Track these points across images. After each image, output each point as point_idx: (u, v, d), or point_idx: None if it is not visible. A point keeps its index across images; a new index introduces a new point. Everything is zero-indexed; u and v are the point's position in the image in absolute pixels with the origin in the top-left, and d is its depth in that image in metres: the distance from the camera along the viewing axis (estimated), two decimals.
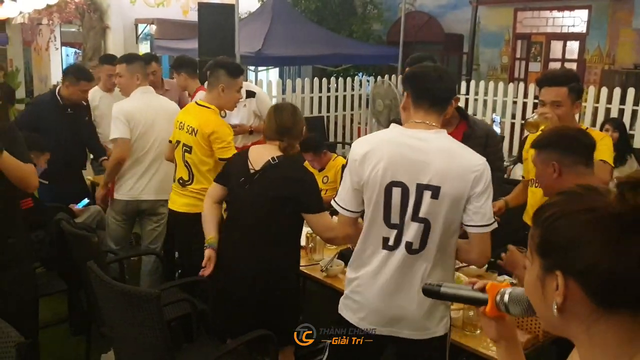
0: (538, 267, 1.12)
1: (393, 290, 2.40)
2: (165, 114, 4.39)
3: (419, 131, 2.36)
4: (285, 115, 3.16)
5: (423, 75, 2.44)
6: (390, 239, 2.38)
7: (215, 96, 3.86)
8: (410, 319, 2.41)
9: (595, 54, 10.35)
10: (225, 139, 3.78)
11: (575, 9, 10.51)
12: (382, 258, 2.40)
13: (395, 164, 2.32)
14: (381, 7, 12.96)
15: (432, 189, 2.29)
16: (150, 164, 4.40)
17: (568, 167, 2.61)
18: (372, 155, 2.35)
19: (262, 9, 11.35)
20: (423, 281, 2.35)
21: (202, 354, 3.16)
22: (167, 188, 4.33)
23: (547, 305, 1.10)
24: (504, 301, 1.33)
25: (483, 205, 2.32)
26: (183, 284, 3.87)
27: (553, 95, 3.25)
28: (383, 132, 2.52)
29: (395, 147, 2.35)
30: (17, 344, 2.11)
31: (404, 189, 2.32)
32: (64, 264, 3.93)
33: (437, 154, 2.31)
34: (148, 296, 2.60)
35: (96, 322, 3.61)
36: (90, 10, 12.27)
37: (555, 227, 1.08)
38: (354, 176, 2.41)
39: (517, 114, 9.45)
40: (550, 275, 1.08)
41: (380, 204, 2.36)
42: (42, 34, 13.74)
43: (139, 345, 2.82)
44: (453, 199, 2.30)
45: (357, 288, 2.48)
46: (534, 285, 1.14)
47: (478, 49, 11.79)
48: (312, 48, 10.15)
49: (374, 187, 2.35)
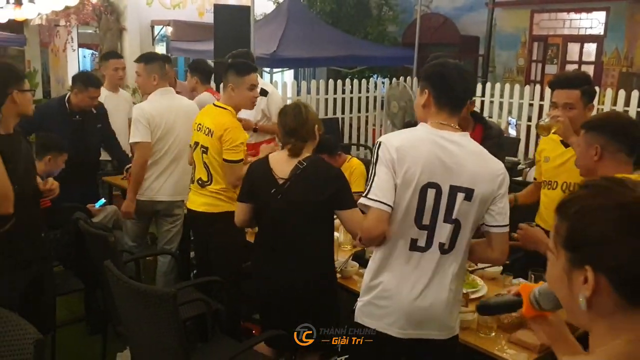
0: (564, 260, 1.12)
1: (426, 292, 2.39)
2: (185, 115, 4.40)
3: (449, 133, 2.37)
4: (289, 117, 3.15)
5: (446, 74, 2.40)
6: (420, 240, 2.37)
7: (229, 96, 3.88)
8: (439, 319, 2.42)
9: (612, 57, 10.27)
10: (235, 141, 3.75)
11: (592, 10, 10.43)
12: (413, 260, 2.39)
13: (432, 165, 2.32)
14: (396, 9, 12.94)
15: (465, 191, 2.33)
16: (167, 166, 4.42)
17: (610, 154, 2.67)
18: (407, 154, 2.32)
19: (278, 10, 11.37)
20: (452, 280, 2.41)
21: (217, 354, 3.17)
22: (182, 189, 4.35)
23: (573, 298, 1.10)
24: (535, 298, 1.37)
25: (505, 206, 2.41)
26: (198, 283, 3.88)
27: (565, 97, 3.23)
28: (414, 130, 2.46)
29: (431, 147, 2.34)
30: (35, 341, 2.12)
31: (437, 191, 2.33)
32: (81, 263, 3.96)
33: (470, 157, 2.35)
34: (165, 296, 2.61)
35: (112, 321, 3.64)
36: (107, 11, 12.34)
37: (586, 222, 1.07)
38: (390, 171, 2.32)
39: (533, 116, 9.39)
40: (578, 269, 1.08)
41: (413, 205, 2.34)
42: (60, 36, 13.82)
43: (154, 345, 2.83)
44: (483, 201, 2.36)
45: (383, 293, 2.43)
46: (559, 278, 1.14)
47: (494, 51, 11.73)
48: (327, 50, 10.15)
49: (409, 188, 2.32)
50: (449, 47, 12.11)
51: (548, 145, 3.46)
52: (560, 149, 3.36)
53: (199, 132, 3.88)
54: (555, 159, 3.38)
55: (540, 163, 3.54)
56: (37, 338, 2.13)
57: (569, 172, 3.26)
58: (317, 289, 3.06)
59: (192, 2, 13.10)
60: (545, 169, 3.46)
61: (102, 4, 12.26)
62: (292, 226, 3.07)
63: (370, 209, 2.35)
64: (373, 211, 2.33)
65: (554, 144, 3.39)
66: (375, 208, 2.32)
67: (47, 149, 4.53)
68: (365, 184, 2.42)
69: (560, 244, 1.13)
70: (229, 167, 3.75)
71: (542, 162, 3.45)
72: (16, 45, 15.36)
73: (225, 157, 3.75)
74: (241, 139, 3.80)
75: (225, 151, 3.75)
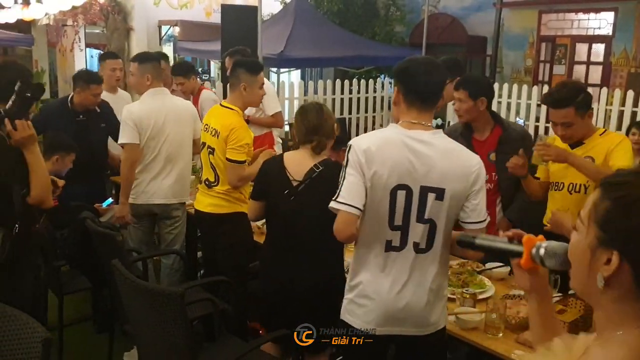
0: (593, 236, 1.13)
1: (404, 291, 2.40)
2: (176, 116, 4.31)
3: (419, 132, 2.34)
4: (311, 115, 3.15)
5: (412, 69, 2.39)
6: (394, 240, 2.38)
7: (238, 96, 3.85)
8: (416, 316, 2.44)
9: (621, 57, 10.22)
10: (240, 141, 3.72)
11: (601, 11, 10.39)
12: (389, 260, 2.40)
13: (401, 166, 2.30)
14: (404, 9, 12.91)
15: (436, 191, 2.32)
16: (161, 168, 4.33)
17: None
18: (375, 157, 2.30)
19: (285, 11, 11.38)
20: (434, 280, 2.42)
21: (224, 354, 3.17)
22: (180, 191, 4.32)
23: (591, 274, 1.13)
24: (539, 254, 1.38)
25: (480, 202, 2.40)
26: (205, 283, 3.88)
27: (562, 117, 3.21)
28: (384, 131, 2.46)
29: (399, 149, 2.32)
30: (43, 340, 2.13)
31: (408, 192, 2.31)
32: (88, 262, 3.96)
33: (440, 156, 2.33)
34: (172, 295, 2.61)
35: (119, 320, 3.64)
36: (115, 11, 12.38)
37: (628, 210, 1.09)
38: (359, 174, 2.32)
39: (541, 117, 9.37)
40: (604, 250, 1.10)
41: (384, 207, 2.34)
42: (67, 36, 13.88)
43: (161, 344, 2.83)
44: (455, 199, 2.35)
45: (362, 292, 2.46)
46: (582, 251, 1.16)
47: (502, 52, 11.70)
48: (334, 50, 10.15)
49: (378, 190, 2.32)
50: (456, 48, 12.09)
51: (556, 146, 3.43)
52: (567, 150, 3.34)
53: (206, 132, 3.88)
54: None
55: (546, 165, 3.50)
56: (46, 337, 2.13)
57: (575, 173, 3.25)
58: (325, 290, 3.05)
59: (200, 2, 13.12)
60: (552, 171, 3.44)
61: (109, 4, 12.29)
62: (303, 228, 3.06)
63: (339, 212, 2.35)
64: (341, 214, 2.35)
65: (561, 145, 3.37)
66: (343, 211, 2.33)
67: (54, 149, 4.54)
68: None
69: (594, 220, 1.14)
70: (231, 166, 3.73)
71: (550, 164, 3.42)
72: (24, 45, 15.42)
73: (228, 156, 3.73)
74: (247, 139, 3.78)
75: (229, 150, 3.72)
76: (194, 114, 4.45)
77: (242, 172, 3.70)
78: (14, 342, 2.18)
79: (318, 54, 9.92)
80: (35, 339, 2.14)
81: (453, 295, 2.95)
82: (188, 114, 4.32)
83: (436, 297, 2.46)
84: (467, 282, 3.09)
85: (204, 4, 13.19)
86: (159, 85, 4.41)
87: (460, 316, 2.72)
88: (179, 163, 4.33)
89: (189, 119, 4.37)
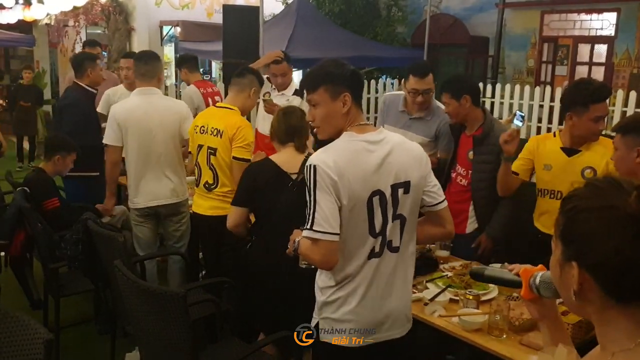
0: (559, 253, 1.18)
1: (387, 295, 2.35)
2: (160, 115, 4.20)
3: (371, 134, 2.31)
4: (294, 118, 3.30)
5: (355, 71, 2.38)
6: (376, 247, 2.32)
7: (245, 97, 3.93)
8: (401, 318, 2.42)
9: (623, 58, 10.22)
10: (247, 140, 3.77)
11: (603, 11, 10.39)
12: (372, 267, 2.31)
13: (369, 174, 2.25)
14: (406, 10, 12.92)
15: (403, 185, 2.31)
16: (157, 168, 4.24)
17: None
18: (346, 172, 2.21)
19: (286, 11, 11.38)
20: (409, 278, 2.42)
21: (226, 355, 3.16)
22: (180, 189, 4.29)
23: (566, 288, 1.17)
24: (535, 284, 1.42)
25: (435, 181, 2.42)
26: (207, 284, 3.87)
27: (605, 109, 3.21)
28: (340, 143, 2.32)
29: (363, 157, 2.26)
30: (45, 341, 2.12)
31: (381, 196, 2.27)
32: (90, 263, 3.96)
33: (395, 151, 2.31)
34: (174, 296, 2.60)
35: (121, 321, 3.63)
36: (116, 12, 12.40)
37: (576, 220, 1.14)
38: (332, 196, 2.18)
39: (543, 117, 9.37)
40: (569, 263, 1.14)
41: (364, 218, 2.26)
42: (68, 36, 13.89)
43: (163, 345, 2.82)
44: (418, 187, 2.35)
45: (344, 306, 2.33)
46: (555, 269, 1.21)
47: (504, 52, 11.70)
48: (336, 50, 10.12)
49: (356, 204, 2.23)
50: (458, 48, 12.10)
51: (548, 151, 3.38)
52: (563, 158, 3.30)
53: (203, 134, 3.84)
54: (557, 169, 3.31)
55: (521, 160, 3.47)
56: (48, 338, 2.13)
57: (572, 183, 3.21)
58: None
59: (201, 3, 13.14)
60: (547, 178, 3.38)
61: (110, 4, 12.31)
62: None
63: (318, 242, 2.19)
64: (322, 244, 2.19)
65: (556, 153, 3.33)
66: (324, 240, 2.18)
67: (55, 149, 4.54)
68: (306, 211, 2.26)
69: (558, 237, 1.18)
70: (238, 165, 3.72)
71: (542, 170, 3.39)
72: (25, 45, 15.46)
73: (235, 154, 3.74)
74: (251, 138, 3.83)
75: (235, 149, 3.74)
76: (181, 114, 4.27)
77: None
78: (16, 344, 2.18)
79: (319, 54, 9.87)
80: (37, 340, 2.14)
81: (456, 297, 2.95)
82: (172, 114, 4.20)
83: (410, 295, 2.51)
84: (470, 284, 3.08)
85: (206, 4, 13.20)
86: (147, 85, 4.27)
87: (463, 317, 2.71)
88: (173, 162, 4.26)
89: (174, 119, 4.22)
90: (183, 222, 4.42)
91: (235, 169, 3.75)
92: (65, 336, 4.11)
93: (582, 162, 3.22)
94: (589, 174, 3.18)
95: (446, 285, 3.09)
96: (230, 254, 3.86)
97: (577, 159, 3.24)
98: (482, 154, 3.63)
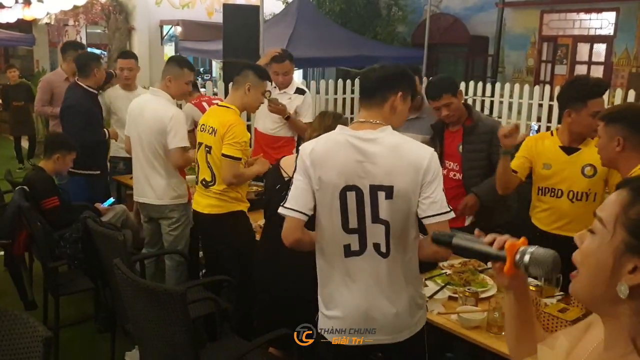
0: (620, 242, 1.06)
1: (371, 297, 2.34)
2: (145, 120, 4.17)
3: (365, 132, 2.31)
4: (327, 118, 3.19)
5: (364, 70, 2.43)
6: (353, 244, 2.32)
7: (241, 94, 3.85)
8: (389, 324, 2.37)
9: (622, 57, 10.23)
10: (237, 137, 3.69)
11: (602, 11, 10.40)
12: (351, 266, 2.34)
13: (347, 167, 2.27)
14: (406, 9, 12.92)
15: (385, 189, 2.25)
16: (146, 166, 4.24)
17: (632, 145, 2.70)
18: (320, 160, 2.29)
19: (287, 10, 11.39)
20: (403, 287, 2.36)
21: (226, 353, 3.16)
22: (168, 192, 4.22)
23: (611, 282, 1.06)
24: (523, 261, 1.30)
25: (434, 192, 2.26)
26: (207, 283, 3.88)
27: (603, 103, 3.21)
28: (331, 134, 2.41)
29: (345, 150, 2.29)
30: (44, 339, 2.12)
31: (357, 192, 2.27)
32: (89, 262, 3.96)
33: (384, 153, 2.26)
34: (174, 294, 2.60)
35: (120, 320, 3.64)
36: (116, 11, 12.40)
37: None
38: (306, 178, 2.32)
39: (543, 117, 9.37)
40: (632, 257, 1.04)
41: (336, 210, 2.30)
42: (68, 35, 13.89)
43: (163, 343, 2.82)
44: (407, 195, 2.25)
45: (330, 304, 2.41)
46: (602, 257, 1.08)
47: (503, 52, 11.71)
48: (336, 50, 10.15)
49: (327, 192, 2.29)
50: (458, 48, 12.11)
51: (547, 150, 3.37)
52: (562, 157, 3.30)
53: (203, 132, 3.86)
54: (557, 167, 3.31)
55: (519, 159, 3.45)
56: (47, 336, 2.13)
57: (573, 181, 3.23)
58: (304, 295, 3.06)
59: (202, 2, 13.15)
60: (546, 176, 3.38)
61: (110, 4, 12.32)
62: None
63: (286, 218, 2.38)
64: (288, 220, 2.37)
65: (555, 151, 3.32)
66: (289, 217, 2.36)
67: (55, 148, 4.54)
68: None
69: (623, 224, 1.06)
70: (226, 162, 3.69)
71: (541, 169, 3.38)
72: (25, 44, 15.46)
73: (224, 151, 3.69)
74: (244, 137, 3.75)
75: (225, 146, 3.68)
76: (162, 124, 4.09)
77: (237, 169, 3.68)
78: (14, 342, 2.18)
79: (320, 53, 9.92)
80: (36, 338, 2.14)
81: (455, 294, 2.95)
82: (155, 121, 4.11)
83: (410, 304, 2.39)
84: (469, 281, 3.09)
85: (206, 3, 13.21)
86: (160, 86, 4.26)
87: (462, 315, 2.72)
88: (158, 165, 4.20)
89: (155, 127, 4.12)
90: (174, 227, 4.32)
91: (223, 166, 3.71)
92: (65, 335, 4.11)
93: (582, 160, 3.22)
94: (589, 171, 3.19)
95: (445, 282, 3.09)
96: (229, 252, 3.87)
97: (576, 157, 3.24)
98: (472, 143, 3.71)
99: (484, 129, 3.67)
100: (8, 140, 11.37)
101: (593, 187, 3.20)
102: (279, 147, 5.10)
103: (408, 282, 2.39)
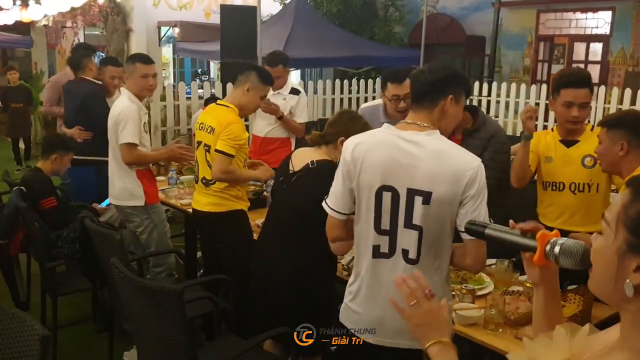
0: (622, 241, 1.07)
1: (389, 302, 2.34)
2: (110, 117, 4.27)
3: (411, 133, 2.25)
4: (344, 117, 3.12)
5: (412, 74, 2.43)
6: (383, 246, 2.29)
7: (240, 94, 3.84)
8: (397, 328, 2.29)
9: (618, 56, 10.26)
10: (233, 134, 3.67)
11: (598, 10, 10.42)
12: (378, 267, 2.30)
13: (387, 167, 2.22)
14: (403, 10, 12.93)
15: (423, 195, 2.18)
16: (110, 168, 4.34)
17: (634, 149, 2.79)
18: (361, 157, 2.26)
19: (284, 11, 11.39)
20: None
21: (224, 352, 3.16)
22: (124, 194, 4.24)
23: (618, 281, 1.08)
24: (554, 252, 1.33)
25: (477, 208, 2.18)
26: (205, 282, 3.88)
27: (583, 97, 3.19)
28: (376, 132, 2.39)
29: (388, 149, 2.24)
30: (41, 337, 2.12)
31: (394, 194, 2.22)
32: (87, 261, 3.97)
33: (428, 157, 2.19)
34: (171, 293, 2.60)
35: (118, 319, 3.64)
36: (114, 13, 12.39)
37: None
38: (347, 177, 2.30)
39: (540, 116, 9.38)
40: (635, 256, 1.05)
41: (370, 209, 2.27)
42: (66, 37, 13.90)
43: (161, 342, 2.82)
44: (445, 203, 2.18)
45: (355, 299, 2.40)
46: (608, 256, 1.10)
47: (500, 51, 11.72)
48: (334, 50, 10.15)
49: (365, 191, 2.26)
50: (455, 47, 12.12)
51: (548, 144, 3.38)
52: (562, 150, 3.31)
53: (202, 131, 3.86)
54: (557, 160, 3.33)
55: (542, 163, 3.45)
56: (44, 334, 2.13)
57: (573, 172, 3.25)
58: (303, 286, 3.07)
59: (199, 3, 13.14)
60: (547, 170, 3.39)
61: (108, 5, 12.31)
62: (290, 217, 3.10)
63: (328, 215, 2.42)
64: (328, 217, 2.43)
65: (555, 145, 3.34)
66: (330, 215, 2.41)
67: (53, 148, 4.55)
68: None
69: (624, 223, 1.07)
70: (217, 157, 3.67)
71: (544, 163, 3.39)
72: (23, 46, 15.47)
73: (217, 146, 3.67)
74: (242, 136, 3.74)
75: (219, 141, 3.67)
76: (114, 119, 4.20)
77: (228, 166, 3.67)
78: (12, 340, 2.18)
79: (317, 54, 9.92)
80: (33, 337, 2.14)
81: (452, 292, 2.95)
82: (111, 120, 4.19)
83: None
84: (465, 279, 3.09)
85: (203, 4, 13.21)
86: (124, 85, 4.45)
87: (459, 312, 2.72)
88: (118, 164, 4.24)
89: (111, 125, 4.21)
90: (139, 231, 4.31)
91: (215, 161, 3.70)
92: (63, 335, 4.12)
93: (581, 151, 3.25)
94: (589, 162, 3.21)
95: None
96: (228, 250, 3.87)
97: (575, 149, 3.27)
98: (468, 146, 3.59)
99: (485, 135, 3.53)
100: (6, 142, 11.37)
101: (594, 177, 3.22)
102: (274, 150, 5.10)
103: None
